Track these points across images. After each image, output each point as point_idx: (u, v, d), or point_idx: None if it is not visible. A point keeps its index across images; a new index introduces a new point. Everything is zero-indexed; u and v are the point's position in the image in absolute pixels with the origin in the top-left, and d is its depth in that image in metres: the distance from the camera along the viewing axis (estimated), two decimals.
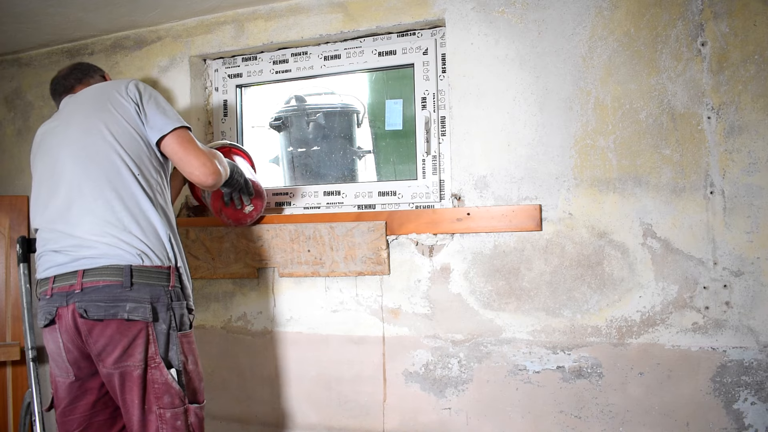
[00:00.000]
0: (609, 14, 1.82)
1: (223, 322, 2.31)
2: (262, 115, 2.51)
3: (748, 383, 1.68)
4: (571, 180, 1.85)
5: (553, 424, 1.86)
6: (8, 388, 2.57)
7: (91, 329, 1.49)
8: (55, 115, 1.76)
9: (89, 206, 1.54)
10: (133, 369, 1.49)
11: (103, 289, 1.48)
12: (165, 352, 1.52)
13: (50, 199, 1.60)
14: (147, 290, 1.51)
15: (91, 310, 1.47)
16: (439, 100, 2.10)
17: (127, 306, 1.48)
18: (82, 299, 1.48)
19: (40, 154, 1.70)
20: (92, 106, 1.63)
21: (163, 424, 1.51)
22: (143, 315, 1.49)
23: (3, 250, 2.64)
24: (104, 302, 1.47)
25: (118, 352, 1.49)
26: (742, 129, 1.69)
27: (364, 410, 2.09)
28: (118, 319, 1.48)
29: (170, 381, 1.51)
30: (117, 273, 1.49)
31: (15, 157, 2.70)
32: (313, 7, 2.18)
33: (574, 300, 1.85)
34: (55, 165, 1.61)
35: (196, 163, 1.61)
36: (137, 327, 1.49)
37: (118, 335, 1.48)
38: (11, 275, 2.62)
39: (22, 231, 2.62)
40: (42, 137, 1.73)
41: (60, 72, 1.88)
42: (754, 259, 1.68)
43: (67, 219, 1.55)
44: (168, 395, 1.51)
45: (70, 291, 1.50)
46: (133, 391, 1.50)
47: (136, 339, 1.49)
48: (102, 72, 1.93)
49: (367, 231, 2.03)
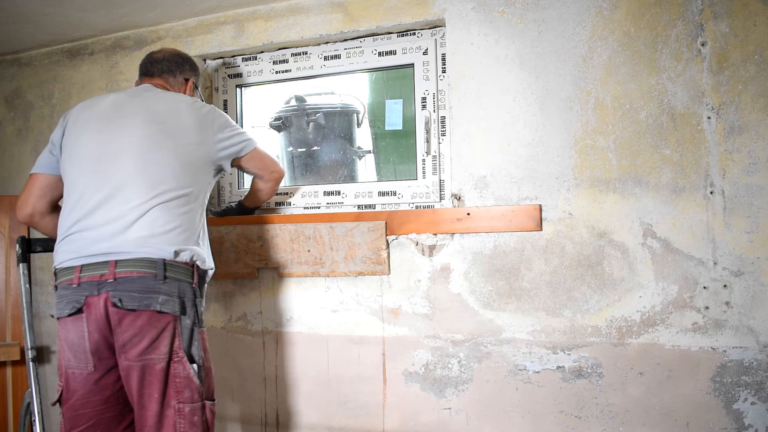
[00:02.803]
0: (609, 14, 1.82)
1: (223, 322, 2.31)
2: (262, 115, 2.51)
3: (748, 383, 1.68)
4: (571, 180, 1.85)
5: (553, 424, 1.86)
6: (8, 388, 2.57)
7: (122, 319, 1.50)
8: (128, 94, 1.77)
9: (129, 204, 1.57)
10: (156, 362, 1.51)
11: (137, 280, 1.51)
12: (188, 347, 1.56)
13: (90, 186, 1.61)
14: (176, 285, 1.55)
15: (125, 300, 1.49)
16: (439, 100, 2.10)
17: (159, 298, 1.51)
18: (116, 288, 1.50)
19: (93, 126, 1.69)
20: (160, 116, 1.68)
21: (181, 418, 1.52)
22: (173, 308, 1.53)
23: (3, 250, 2.64)
24: (138, 293, 1.50)
25: (145, 344, 1.50)
26: (742, 129, 1.69)
27: (364, 410, 2.09)
28: (150, 311, 1.51)
29: (192, 375, 1.54)
30: (151, 265, 1.52)
31: (15, 157, 2.70)
32: (313, 7, 2.18)
33: (574, 300, 1.85)
34: (107, 155, 1.62)
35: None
36: (166, 320, 1.53)
37: (148, 326, 1.51)
38: (11, 275, 2.62)
39: (22, 231, 2.62)
40: (104, 112, 1.70)
41: (156, 53, 1.91)
42: (754, 259, 1.68)
43: (103, 210, 1.57)
44: (189, 390, 1.53)
45: (101, 280, 1.51)
46: (153, 384, 1.51)
47: (164, 332, 1.52)
48: (189, 75, 1.93)
49: (367, 231, 2.03)
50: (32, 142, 2.66)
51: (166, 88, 1.86)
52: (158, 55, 1.89)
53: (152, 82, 1.85)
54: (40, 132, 2.64)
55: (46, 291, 2.64)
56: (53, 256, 1.64)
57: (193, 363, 1.55)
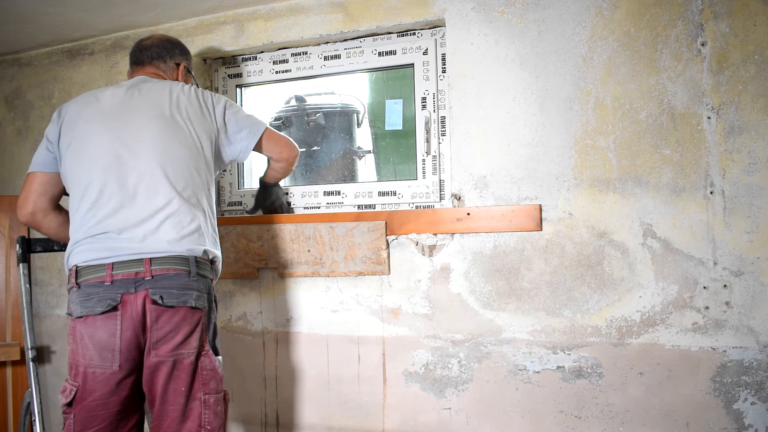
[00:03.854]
0: (609, 14, 1.82)
1: (223, 322, 2.31)
2: (263, 115, 2.50)
3: (748, 383, 1.68)
4: (571, 180, 1.85)
5: (553, 424, 1.86)
6: (8, 388, 2.57)
7: (159, 315, 1.52)
8: (129, 89, 1.73)
9: (154, 203, 1.58)
10: (186, 356, 1.54)
11: (173, 277, 1.54)
12: (213, 340, 1.61)
13: (107, 184, 1.59)
14: (203, 281, 1.60)
15: (165, 297, 1.52)
16: (439, 100, 2.10)
17: (194, 294, 1.55)
18: (155, 286, 1.52)
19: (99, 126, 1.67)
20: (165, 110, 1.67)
21: (207, 409, 1.56)
22: (203, 304, 1.58)
23: (3, 250, 2.64)
24: (176, 289, 1.53)
25: (180, 338, 1.53)
26: (742, 129, 1.69)
27: (364, 410, 2.09)
28: (186, 307, 1.54)
29: (218, 367, 1.60)
30: (183, 262, 1.56)
31: (15, 157, 2.70)
32: (313, 7, 2.18)
33: (574, 300, 1.85)
34: (122, 154, 1.61)
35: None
36: (198, 315, 1.57)
37: (183, 322, 1.54)
38: (11, 275, 2.62)
39: (22, 231, 2.62)
40: (110, 108, 1.68)
41: (145, 40, 1.89)
42: (754, 259, 1.68)
43: (128, 210, 1.56)
44: (214, 381, 1.58)
45: (137, 278, 1.52)
46: (181, 378, 1.54)
47: (197, 326, 1.56)
48: (180, 59, 1.90)
49: (367, 231, 2.03)
50: (32, 142, 2.66)
51: (159, 75, 1.84)
52: (147, 42, 1.87)
53: (144, 72, 1.83)
54: (40, 132, 2.64)
55: (46, 291, 2.64)
56: (70, 256, 1.59)
57: (218, 355, 1.61)
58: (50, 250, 2.06)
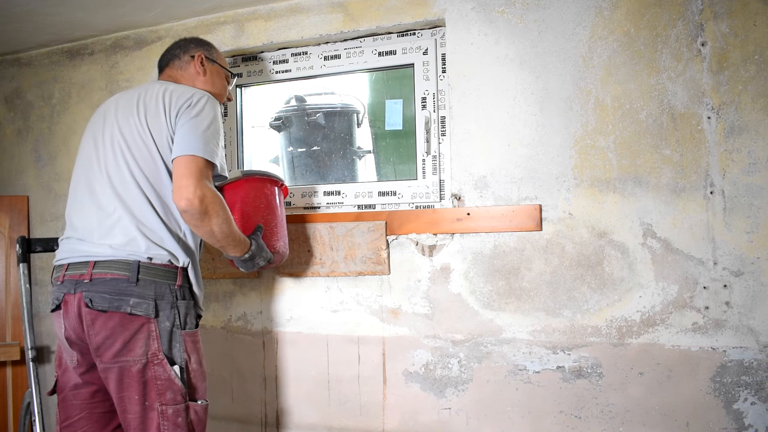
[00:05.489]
0: (609, 14, 1.82)
1: (223, 322, 2.31)
2: (262, 115, 2.51)
3: (748, 383, 1.68)
4: (571, 180, 1.85)
5: (553, 424, 1.86)
6: (8, 388, 2.57)
7: (94, 320, 1.51)
8: (126, 91, 1.75)
9: (108, 205, 1.59)
10: (132, 364, 1.51)
11: (110, 282, 1.52)
12: (168, 349, 1.55)
13: (80, 185, 1.66)
14: (152, 287, 1.54)
15: (96, 300, 1.51)
16: (439, 100, 2.10)
17: (131, 300, 1.52)
18: (90, 289, 1.52)
19: (91, 128, 1.72)
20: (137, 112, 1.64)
21: (165, 420, 1.52)
22: (145, 311, 1.52)
23: (3, 250, 2.64)
24: (109, 294, 1.51)
25: (118, 346, 1.51)
26: (742, 129, 1.69)
27: (364, 410, 2.09)
28: (121, 312, 1.51)
29: (173, 377, 1.54)
30: (125, 267, 1.53)
31: (15, 157, 2.70)
32: (313, 7, 2.18)
33: (574, 300, 1.85)
34: (92, 157, 1.66)
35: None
36: (139, 322, 1.52)
37: (119, 328, 1.51)
38: (11, 275, 2.62)
39: (22, 231, 2.62)
40: (103, 111, 1.72)
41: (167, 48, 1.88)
42: (754, 259, 1.68)
43: (89, 211, 1.60)
44: (171, 391, 1.53)
45: (79, 279, 1.54)
46: (132, 387, 1.52)
47: (137, 334, 1.52)
48: (195, 51, 1.82)
49: (367, 231, 2.03)
50: (32, 142, 2.66)
51: (175, 77, 1.80)
52: (168, 48, 1.88)
53: (163, 77, 1.82)
54: (40, 132, 2.64)
55: (46, 291, 2.64)
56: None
57: (174, 365, 1.54)
58: (50, 250, 2.06)
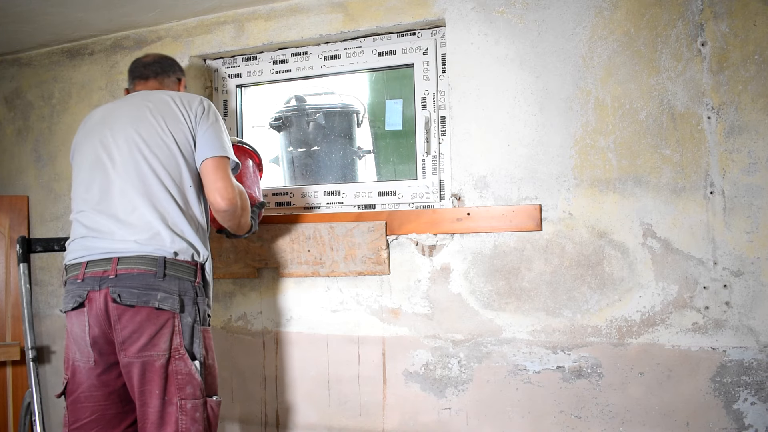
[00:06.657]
0: (609, 14, 1.82)
1: (223, 322, 2.31)
2: (262, 115, 2.51)
3: (748, 383, 1.68)
4: (571, 180, 1.85)
5: (553, 424, 1.86)
6: (8, 388, 2.57)
7: (121, 315, 1.53)
8: (120, 100, 1.78)
9: (128, 203, 1.60)
10: (156, 359, 1.54)
11: (136, 277, 1.54)
12: (189, 344, 1.58)
13: (93, 186, 1.65)
14: (176, 283, 1.57)
15: (124, 296, 1.52)
16: (439, 100, 2.10)
17: (158, 295, 1.54)
18: (116, 284, 1.53)
19: (91, 135, 1.72)
20: (153, 116, 1.67)
21: (183, 414, 1.54)
22: (172, 305, 1.55)
23: (3, 250, 2.64)
24: (137, 289, 1.53)
25: (144, 340, 1.53)
26: (742, 129, 1.69)
27: (364, 410, 2.09)
28: (149, 307, 1.53)
29: (194, 372, 1.56)
30: (151, 263, 1.55)
31: (15, 157, 2.70)
32: (313, 7, 2.18)
33: (574, 300, 1.85)
34: (104, 158, 1.65)
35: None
36: (165, 316, 1.55)
37: (146, 323, 1.53)
38: (11, 275, 2.62)
39: (22, 231, 2.62)
40: (100, 118, 1.73)
41: (144, 58, 1.90)
42: (754, 259, 1.68)
43: (107, 209, 1.60)
44: (191, 386, 1.56)
45: (103, 276, 1.55)
46: (154, 381, 1.54)
47: (163, 328, 1.55)
48: (180, 75, 1.93)
49: (367, 231, 2.03)
50: (32, 142, 2.66)
51: (162, 89, 1.85)
52: (147, 59, 1.89)
53: (147, 86, 1.84)
54: (40, 132, 2.65)
55: (46, 291, 2.64)
56: (65, 255, 1.68)
57: (194, 360, 1.58)
58: (50, 250, 2.06)
